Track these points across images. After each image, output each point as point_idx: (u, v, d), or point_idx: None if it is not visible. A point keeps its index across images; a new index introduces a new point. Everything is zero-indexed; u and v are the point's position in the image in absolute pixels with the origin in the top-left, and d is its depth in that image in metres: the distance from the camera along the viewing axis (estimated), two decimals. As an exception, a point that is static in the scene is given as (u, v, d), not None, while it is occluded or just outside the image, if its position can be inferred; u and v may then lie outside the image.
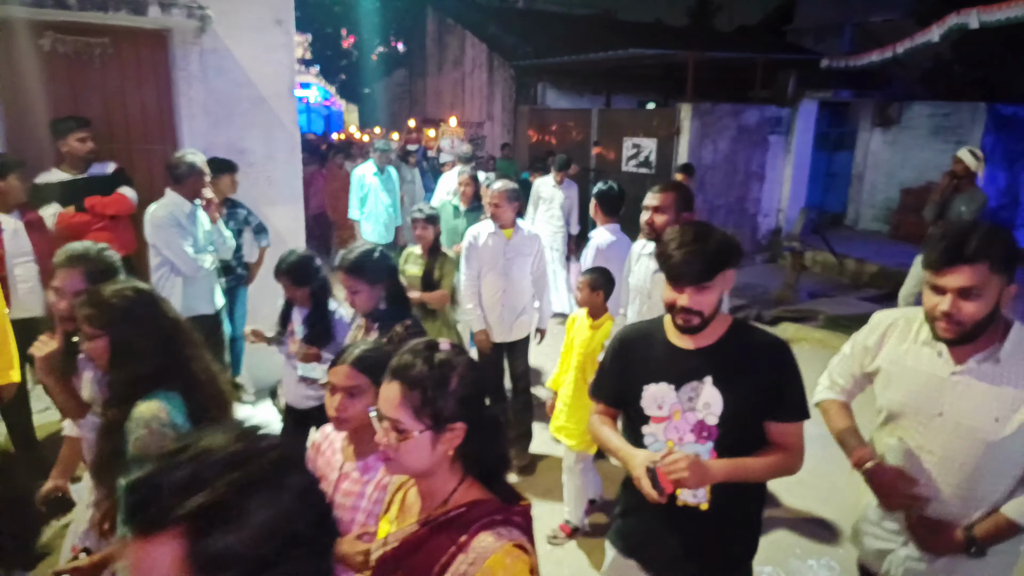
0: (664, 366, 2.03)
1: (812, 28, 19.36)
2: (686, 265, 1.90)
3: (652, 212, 3.05)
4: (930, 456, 2.00)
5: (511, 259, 4.29)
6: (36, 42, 4.54)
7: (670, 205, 3.02)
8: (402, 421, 1.41)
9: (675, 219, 2.94)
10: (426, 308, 4.25)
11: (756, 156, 10.35)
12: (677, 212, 3.01)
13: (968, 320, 1.82)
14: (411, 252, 4.41)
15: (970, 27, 9.15)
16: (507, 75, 13.43)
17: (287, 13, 5.09)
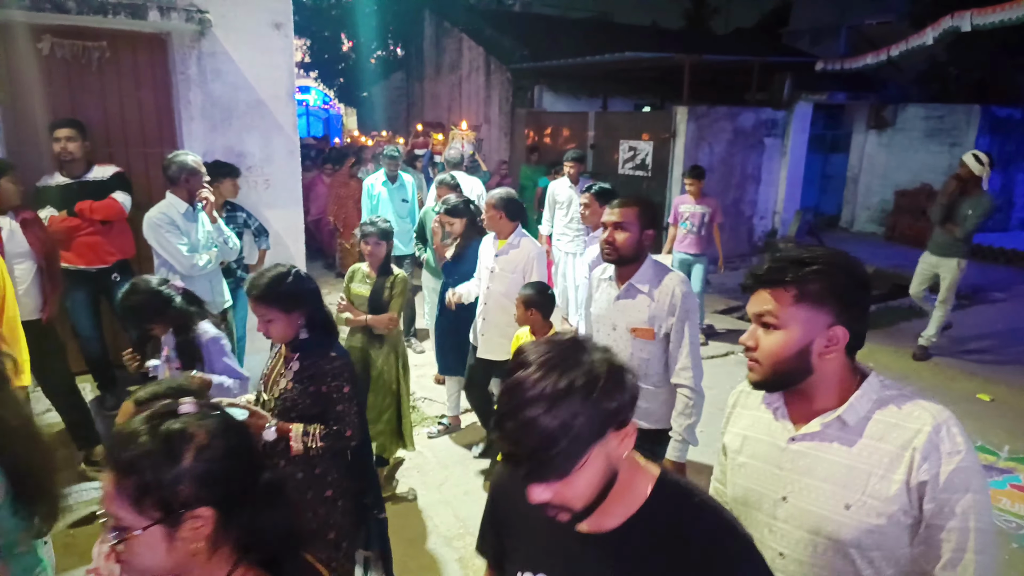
0: (543, 552, 1.30)
1: (807, 31, 19.44)
2: (518, 448, 1.08)
3: (612, 229, 2.65)
4: (783, 562, 1.49)
5: (495, 272, 4.10)
6: (35, 46, 4.57)
7: (633, 221, 2.64)
8: (121, 517, 1.12)
9: (638, 238, 2.65)
10: (372, 332, 3.89)
11: (752, 158, 10.40)
12: (640, 230, 2.65)
13: (764, 357, 1.43)
14: (358, 269, 4.01)
15: (964, 30, 9.22)
16: (504, 78, 13.46)
17: (286, 17, 5.11)
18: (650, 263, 2.70)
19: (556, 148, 11.91)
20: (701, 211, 6.60)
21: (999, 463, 4.59)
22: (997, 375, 5.91)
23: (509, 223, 4.09)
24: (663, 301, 2.63)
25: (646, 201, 2.74)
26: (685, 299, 2.61)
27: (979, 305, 7.93)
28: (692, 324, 2.63)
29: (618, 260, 2.67)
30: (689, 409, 2.63)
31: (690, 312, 2.62)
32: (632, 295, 2.70)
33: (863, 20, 17.93)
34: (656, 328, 2.64)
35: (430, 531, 3.70)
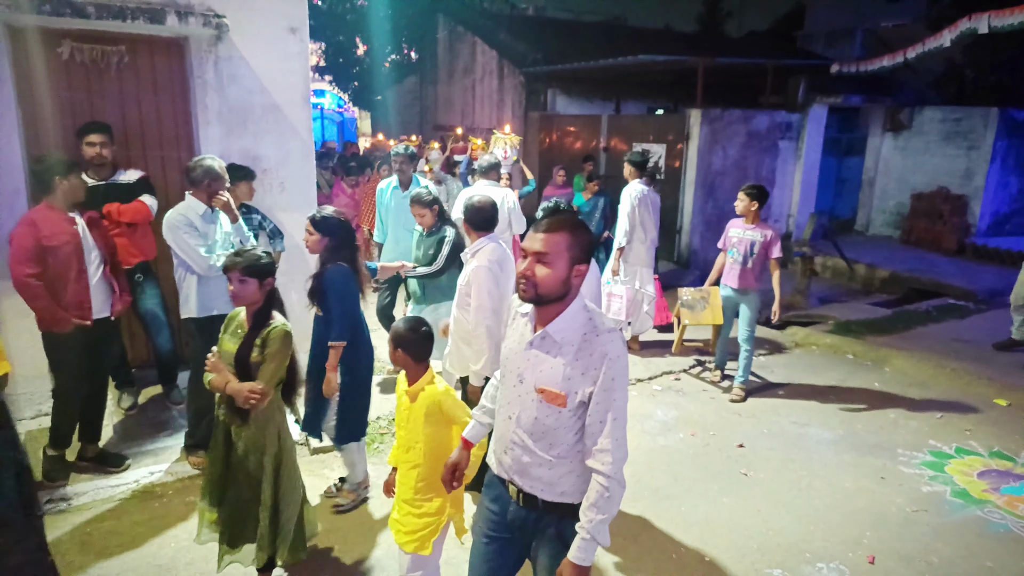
0: None
1: (823, 33, 19.35)
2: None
3: (532, 260, 2.03)
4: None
5: (461, 286, 3.75)
6: (54, 50, 4.64)
7: (560, 252, 2.01)
8: None
9: (565, 275, 2.02)
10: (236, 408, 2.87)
11: (766, 162, 10.35)
12: (569, 264, 2.03)
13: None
14: (235, 316, 3.04)
15: (981, 32, 9.13)
16: (517, 82, 13.49)
17: (301, 22, 5.16)
18: (578, 310, 2.07)
19: (569, 151, 11.91)
20: (750, 238, 5.40)
21: (1016, 469, 4.54)
22: (1014, 380, 5.85)
23: (474, 233, 3.75)
24: (585, 364, 2.02)
25: (579, 225, 2.09)
26: (614, 365, 2.01)
27: (997, 310, 7.84)
28: (620, 396, 2.04)
29: (536, 300, 2.05)
30: (603, 501, 2.02)
31: (618, 380, 2.03)
32: (547, 347, 2.09)
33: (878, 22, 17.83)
34: (570, 395, 2.03)
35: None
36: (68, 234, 3.76)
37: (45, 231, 3.67)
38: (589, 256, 2.10)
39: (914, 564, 3.51)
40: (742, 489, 4.22)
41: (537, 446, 2.12)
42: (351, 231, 3.70)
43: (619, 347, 2.03)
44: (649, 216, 6.38)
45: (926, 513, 3.99)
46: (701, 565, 3.49)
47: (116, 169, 4.56)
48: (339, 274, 3.55)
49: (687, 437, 4.90)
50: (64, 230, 3.75)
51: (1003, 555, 3.61)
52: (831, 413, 5.34)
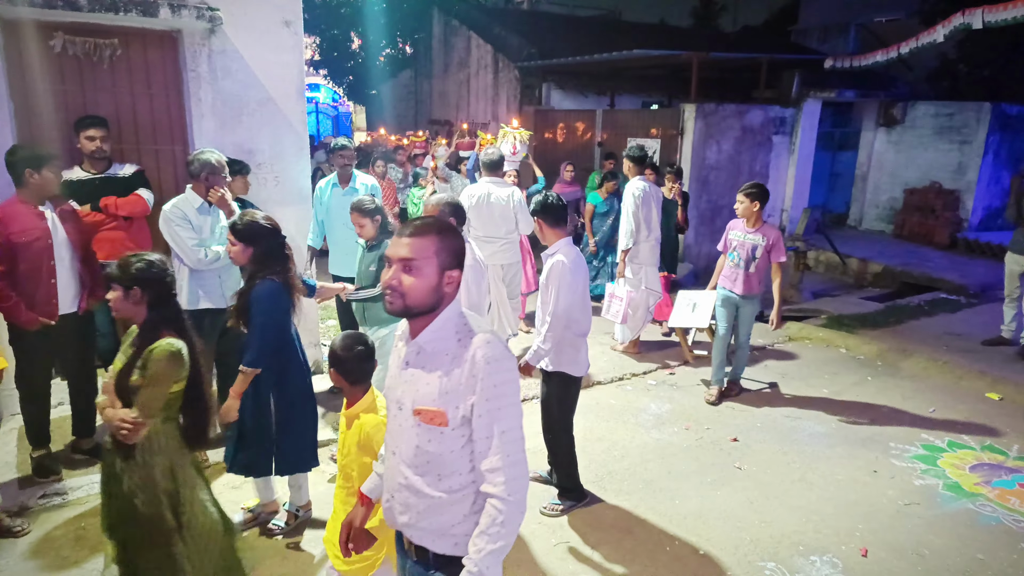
0: None
1: (817, 28, 19.35)
2: None
3: (398, 267, 1.80)
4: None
5: None
6: (46, 43, 4.60)
7: (429, 257, 1.80)
8: None
9: (436, 282, 1.81)
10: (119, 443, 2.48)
11: (760, 156, 10.37)
12: (440, 270, 1.82)
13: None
14: (132, 331, 2.66)
15: (975, 27, 9.16)
16: (512, 76, 13.47)
17: (296, 15, 5.14)
18: (451, 315, 1.86)
19: (564, 146, 11.91)
20: (752, 242, 5.13)
21: (1008, 462, 4.58)
22: (1006, 374, 5.89)
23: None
24: (462, 372, 1.78)
25: (448, 228, 1.89)
26: (493, 367, 1.76)
27: (988, 304, 7.89)
28: (509, 405, 1.78)
29: (405, 312, 1.82)
30: (495, 527, 1.75)
31: (503, 387, 1.77)
32: (422, 362, 1.85)
33: (872, 18, 17.84)
34: (451, 411, 1.78)
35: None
36: (38, 230, 3.69)
37: (13, 228, 3.60)
38: (461, 261, 1.87)
39: (906, 556, 3.54)
40: (735, 482, 4.24)
41: (424, 481, 1.83)
42: (280, 239, 3.26)
43: (499, 350, 1.79)
44: (652, 213, 6.24)
45: (918, 506, 4.02)
46: (695, 557, 3.51)
47: (112, 163, 4.54)
48: (266, 291, 3.12)
49: (681, 430, 4.93)
50: (34, 225, 3.67)
51: (994, 547, 3.64)
52: (824, 407, 5.37)
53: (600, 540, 3.63)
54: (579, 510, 3.90)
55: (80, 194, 4.35)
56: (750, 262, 5.13)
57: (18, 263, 3.64)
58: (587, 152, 11.35)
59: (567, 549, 3.57)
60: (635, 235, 6.09)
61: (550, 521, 3.80)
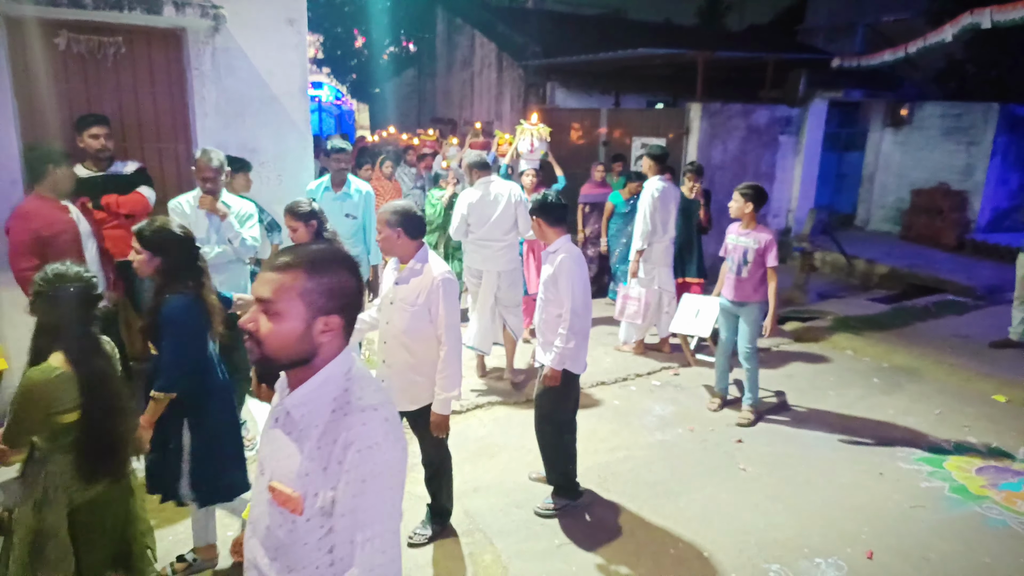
0: None
1: (823, 28, 19.28)
2: None
3: (257, 309, 1.48)
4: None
5: (394, 304, 3.27)
6: (51, 41, 4.60)
7: (293, 299, 1.45)
8: None
9: (302, 330, 1.46)
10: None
11: (766, 156, 10.33)
12: (309, 314, 1.46)
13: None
14: None
15: (983, 27, 9.10)
16: (516, 75, 13.44)
17: (299, 13, 5.14)
18: (330, 378, 1.51)
19: (569, 145, 11.88)
20: (743, 245, 4.93)
21: (1015, 465, 4.54)
22: (1014, 376, 5.85)
23: (410, 242, 3.22)
24: (327, 455, 1.45)
25: (324, 261, 1.50)
26: (364, 457, 1.42)
27: (996, 306, 7.84)
28: (377, 505, 1.43)
29: (266, 363, 1.48)
30: None
31: (373, 483, 1.42)
32: (288, 428, 1.53)
33: (880, 17, 17.76)
34: (308, 498, 1.45)
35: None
36: (63, 222, 3.76)
37: (39, 222, 3.66)
38: (346, 303, 1.51)
39: (912, 560, 3.51)
40: (740, 484, 4.22)
41: (272, 568, 1.52)
42: (193, 250, 2.94)
43: (376, 433, 1.44)
44: (670, 214, 6.13)
45: (924, 509, 3.99)
46: (699, 560, 3.49)
47: (114, 161, 4.54)
48: (177, 307, 2.80)
49: (685, 432, 4.90)
50: (58, 218, 3.75)
51: (1001, 551, 3.61)
52: (829, 409, 5.34)
53: (603, 541, 3.61)
54: (583, 511, 3.88)
55: (82, 192, 4.35)
56: (742, 266, 4.93)
57: (48, 257, 3.66)
58: (592, 151, 11.32)
59: (570, 550, 3.55)
60: (648, 236, 6.00)
61: (552, 522, 3.78)
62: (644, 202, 6.03)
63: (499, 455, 4.52)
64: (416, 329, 3.21)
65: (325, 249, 1.56)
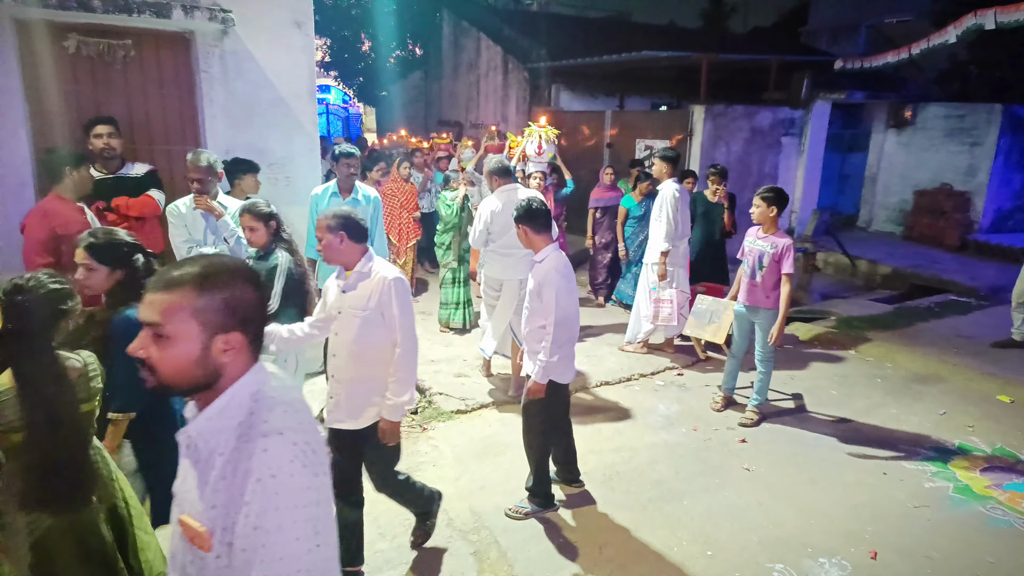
0: None
1: (827, 30, 19.30)
2: None
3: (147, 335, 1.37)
4: None
5: (341, 314, 3.06)
6: (60, 44, 4.67)
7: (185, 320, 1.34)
8: None
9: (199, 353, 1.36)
10: None
11: (769, 158, 10.35)
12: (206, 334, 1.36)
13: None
14: None
15: (987, 28, 9.12)
16: (521, 77, 13.49)
17: (307, 16, 5.19)
18: (234, 400, 1.38)
19: (574, 147, 11.92)
20: (759, 249, 4.84)
21: (1019, 465, 4.55)
22: (1017, 376, 5.85)
23: (355, 247, 3.04)
24: (230, 486, 1.32)
25: (215, 275, 1.37)
26: (267, 486, 1.28)
27: (999, 306, 7.84)
28: (280, 540, 1.28)
29: (165, 391, 1.38)
30: None
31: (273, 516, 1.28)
32: (195, 457, 1.41)
33: (882, 19, 17.78)
34: (216, 533, 1.32)
35: (445, 525, 3.74)
36: (79, 223, 3.81)
37: (57, 221, 3.73)
38: (244, 318, 1.38)
39: (915, 559, 3.53)
40: (743, 483, 4.24)
41: None
42: (150, 259, 2.83)
43: (279, 459, 1.30)
44: (687, 215, 6.11)
45: (928, 509, 4.00)
46: (702, 559, 3.51)
47: (124, 163, 4.59)
48: (132, 321, 2.51)
49: (689, 431, 4.92)
50: (74, 219, 3.81)
51: (1005, 551, 3.62)
52: (833, 408, 5.36)
53: (608, 540, 3.64)
54: (586, 510, 3.91)
55: (94, 193, 4.40)
56: (756, 270, 4.85)
57: (62, 256, 3.72)
58: (596, 153, 11.35)
59: (575, 548, 3.58)
60: (671, 237, 5.91)
61: (557, 519, 3.80)
62: (666, 203, 5.91)
63: (504, 454, 4.55)
64: (368, 336, 3.01)
65: (215, 261, 1.41)
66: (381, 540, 3.57)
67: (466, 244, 6.98)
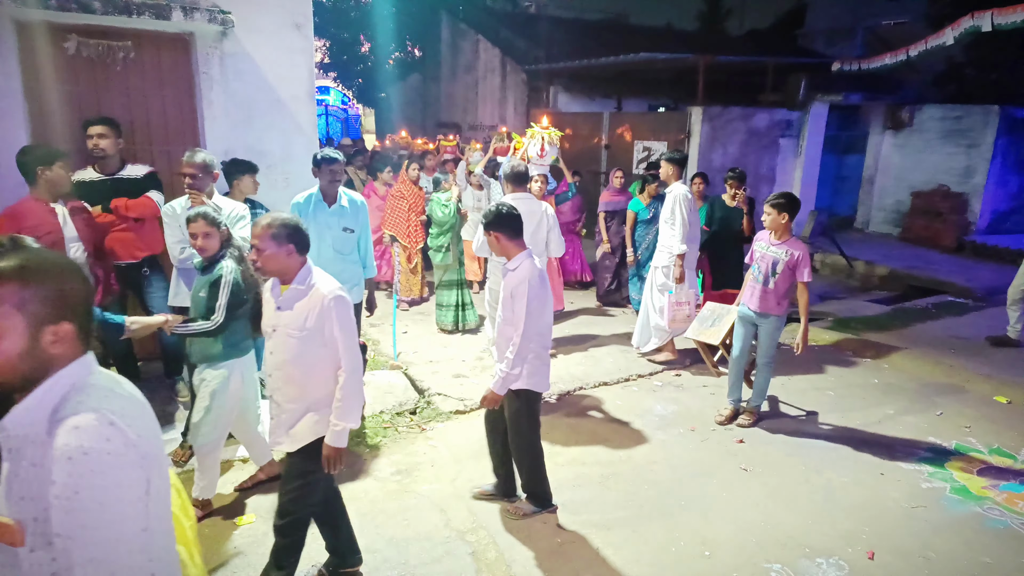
0: None
1: (824, 32, 19.35)
2: None
3: None
4: None
5: (276, 331, 2.84)
6: (60, 45, 4.67)
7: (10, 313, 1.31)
8: None
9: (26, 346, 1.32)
10: None
11: (766, 159, 10.38)
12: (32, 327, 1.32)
13: None
14: None
15: (984, 30, 9.15)
16: (519, 79, 13.52)
17: (306, 18, 5.20)
18: (54, 388, 1.34)
19: (571, 149, 11.94)
20: (774, 256, 4.75)
21: (1016, 466, 4.57)
22: (1014, 377, 5.87)
23: (299, 260, 2.81)
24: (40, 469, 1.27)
25: (39, 265, 1.36)
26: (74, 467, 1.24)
27: (995, 307, 7.87)
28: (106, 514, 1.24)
29: None
30: None
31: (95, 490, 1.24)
32: (7, 445, 1.34)
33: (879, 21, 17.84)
34: (27, 522, 1.28)
35: (443, 525, 3.75)
36: (49, 225, 3.82)
37: (26, 223, 3.71)
38: (72, 308, 1.36)
39: (912, 560, 3.55)
40: (741, 484, 4.26)
41: None
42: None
43: (92, 436, 1.26)
44: (697, 217, 6.05)
45: (925, 509, 4.02)
46: (700, 559, 3.52)
47: (124, 164, 4.59)
48: None
49: (686, 432, 4.94)
50: (45, 221, 3.81)
51: (1001, 551, 3.64)
52: (830, 409, 5.38)
53: (605, 541, 3.65)
54: (584, 511, 3.92)
55: (91, 195, 4.40)
56: (769, 277, 4.75)
57: None
58: (594, 155, 11.38)
59: (572, 548, 3.59)
60: (684, 239, 5.80)
61: (554, 520, 3.81)
62: (678, 204, 5.78)
63: (503, 455, 4.56)
64: (306, 357, 2.78)
65: (34, 252, 1.39)
66: (379, 540, 3.57)
67: (461, 246, 6.97)
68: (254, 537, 3.54)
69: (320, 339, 2.77)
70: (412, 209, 7.54)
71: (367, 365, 5.67)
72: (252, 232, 2.77)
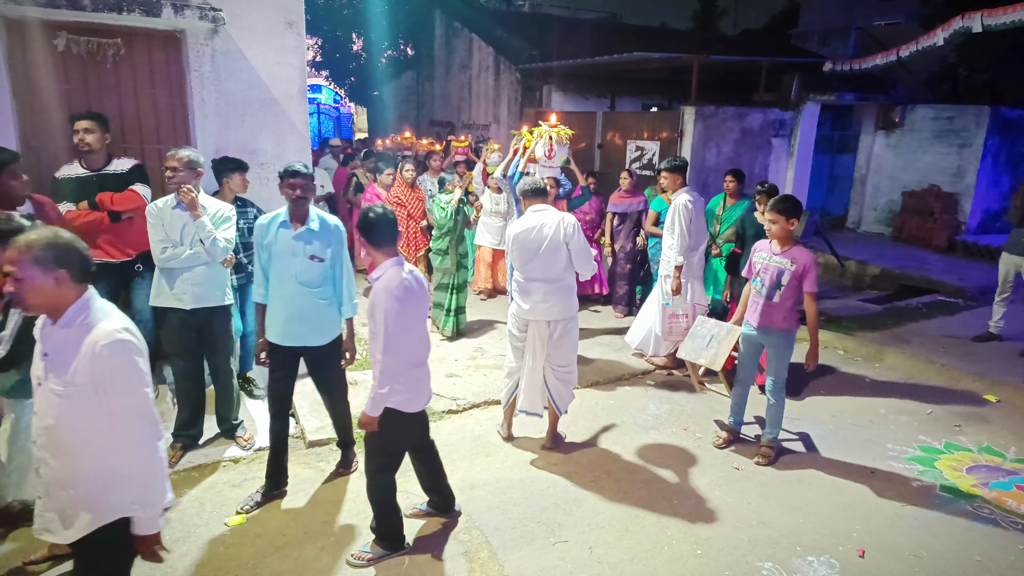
0: None
1: (816, 32, 19.42)
2: None
3: None
4: None
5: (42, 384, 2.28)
6: (50, 42, 4.63)
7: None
8: None
9: None
10: None
11: (759, 159, 10.39)
12: None
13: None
14: None
15: (975, 31, 9.19)
16: (513, 78, 13.51)
17: (298, 16, 5.17)
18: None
19: (564, 148, 11.92)
20: (777, 266, 4.33)
21: (1005, 464, 4.60)
22: (1004, 376, 5.90)
23: (74, 289, 2.26)
24: None
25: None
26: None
27: (986, 306, 7.90)
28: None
29: None
30: None
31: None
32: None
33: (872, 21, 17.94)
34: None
35: (437, 524, 3.74)
36: None
37: None
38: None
39: (903, 558, 3.56)
40: (733, 483, 4.26)
41: None
42: None
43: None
44: (703, 225, 5.86)
45: (915, 507, 4.04)
46: (692, 557, 3.53)
47: (110, 159, 4.55)
48: None
49: (679, 431, 4.94)
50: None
51: (992, 549, 3.66)
52: (822, 408, 5.39)
53: (598, 540, 3.65)
54: (576, 510, 3.92)
55: (77, 191, 4.37)
56: (774, 290, 4.33)
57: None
58: (587, 154, 11.37)
59: (565, 547, 3.59)
60: (685, 250, 5.64)
61: (547, 519, 3.81)
62: (678, 215, 5.60)
63: (495, 453, 4.56)
64: (76, 419, 2.15)
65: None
66: (372, 540, 3.56)
67: (463, 249, 6.83)
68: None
69: (93, 398, 2.13)
70: (411, 216, 7.18)
71: (357, 364, 5.65)
72: (7, 255, 2.15)
